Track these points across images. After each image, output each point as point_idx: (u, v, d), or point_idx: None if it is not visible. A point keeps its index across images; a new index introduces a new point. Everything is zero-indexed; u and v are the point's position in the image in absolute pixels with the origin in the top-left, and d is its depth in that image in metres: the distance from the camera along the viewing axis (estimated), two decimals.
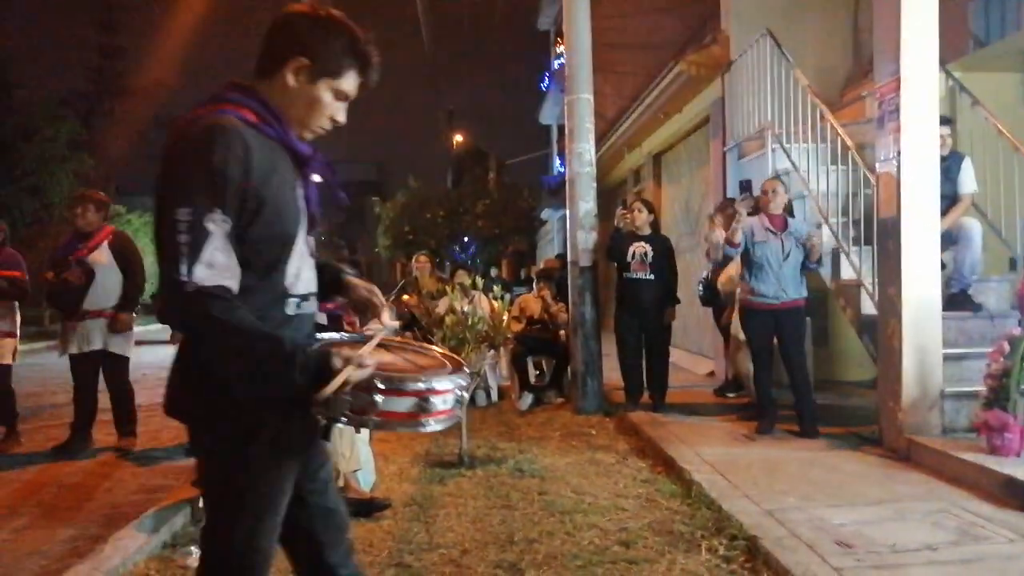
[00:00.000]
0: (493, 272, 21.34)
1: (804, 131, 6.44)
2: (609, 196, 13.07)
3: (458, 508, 4.12)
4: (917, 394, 4.68)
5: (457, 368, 1.68)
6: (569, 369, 7.22)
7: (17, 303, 5.84)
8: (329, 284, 1.88)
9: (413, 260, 8.46)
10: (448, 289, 5.78)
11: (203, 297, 1.47)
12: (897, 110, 4.73)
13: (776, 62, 6.87)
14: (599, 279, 7.08)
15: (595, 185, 7.10)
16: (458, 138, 35.59)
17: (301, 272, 1.69)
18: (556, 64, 20.72)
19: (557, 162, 24.46)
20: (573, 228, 7.03)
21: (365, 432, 5.00)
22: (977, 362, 4.59)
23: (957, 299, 5.37)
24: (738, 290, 5.79)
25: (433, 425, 1.55)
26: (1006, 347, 4.19)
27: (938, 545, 3.23)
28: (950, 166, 5.45)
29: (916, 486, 4.11)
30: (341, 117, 1.73)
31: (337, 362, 1.47)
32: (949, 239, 5.34)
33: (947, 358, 4.77)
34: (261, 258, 1.59)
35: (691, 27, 10.80)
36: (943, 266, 5.14)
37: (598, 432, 6.01)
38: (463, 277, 7.49)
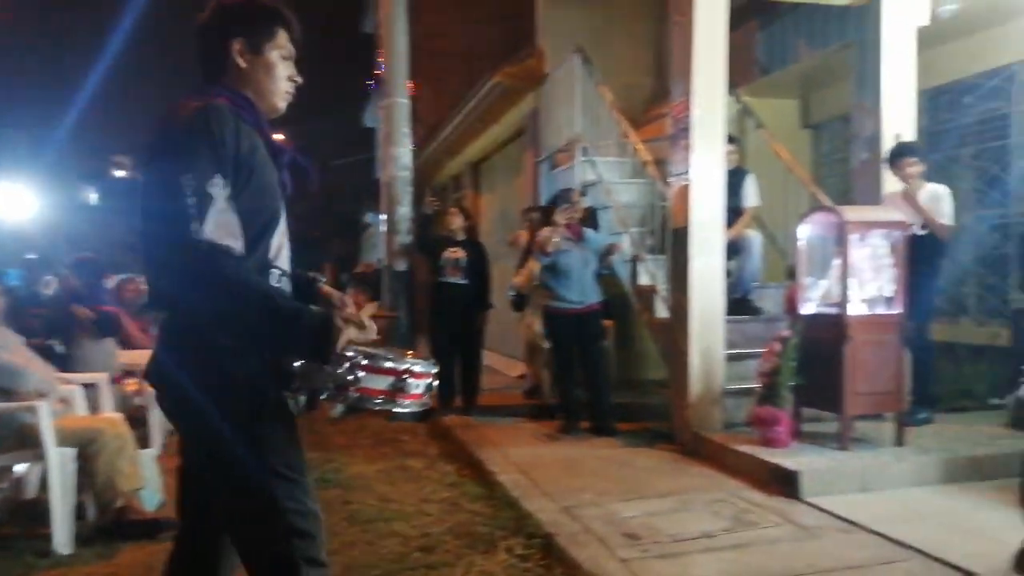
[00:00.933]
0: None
1: (610, 145, 6.78)
2: (420, 200, 13.09)
3: None
4: (702, 392, 5.03)
5: (428, 360, 1.78)
6: None
7: None
8: (303, 292, 1.93)
9: None
10: None
11: (216, 253, 1.55)
12: (688, 128, 5.07)
13: (585, 78, 7.18)
14: (415, 283, 7.07)
15: (411, 189, 7.09)
16: (279, 137, 34.28)
17: (282, 249, 1.80)
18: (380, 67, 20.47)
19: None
20: (389, 232, 6.97)
21: (152, 448, 4.68)
22: (756, 361, 5.00)
23: (739, 304, 5.83)
24: (534, 298, 5.98)
25: (405, 407, 1.66)
26: (777, 347, 4.60)
27: (715, 532, 3.48)
28: (736, 181, 5.92)
29: (700, 478, 4.41)
30: (296, 75, 1.89)
31: (339, 322, 1.58)
32: (733, 249, 5.79)
33: (729, 358, 5.17)
34: (250, 228, 1.67)
35: (510, 39, 11.07)
36: (728, 274, 5.57)
37: (410, 438, 5.97)
38: None
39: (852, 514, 3.65)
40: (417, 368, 1.69)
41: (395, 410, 1.67)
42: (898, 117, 5.42)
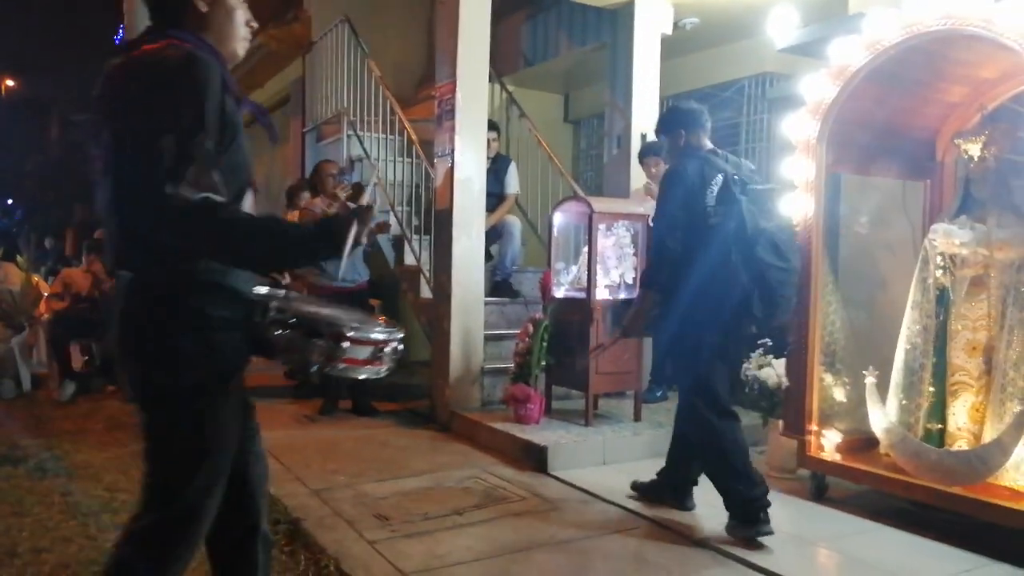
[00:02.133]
0: (48, 243, 18.42)
1: (378, 122, 6.67)
2: None
3: None
4: (462, 371, 5.13)
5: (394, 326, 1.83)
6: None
7: None
8: None
9: None
10: None
11: (213, 204, 1.51)
12: (453, 111, 5.11)
13: (354, 50, 6.99)
14: None
15: None
16: (8, 83, 29.96)
17: (251, 210, 1.71)
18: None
19: None
20: None
21: None
22: (512, 342, 5.18)
23: (500, 287, 6.02)
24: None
25: (381, 371, 1.74)
26: (530, 328, 4.80)
27: (465, 509, 3.56)
28: (498, 168, 6.08)
29: (455, 456, 4.50)
30: (252, 20, 1.80)
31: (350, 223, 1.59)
32: (495, 233, 5.96)
33: (488, 339, 5.32)
34: (229, 188, 1.60)
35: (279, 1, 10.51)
36: (489, 257, 5.72)
37: None
38: None
39: (592, 486, 3.91)
40: (389, 337, 1.75)
41: (379, 375, 1.76)
42: (645, 118, 5.85)
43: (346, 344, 1.63)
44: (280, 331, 1.65)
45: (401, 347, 1.79)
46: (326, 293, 5.45)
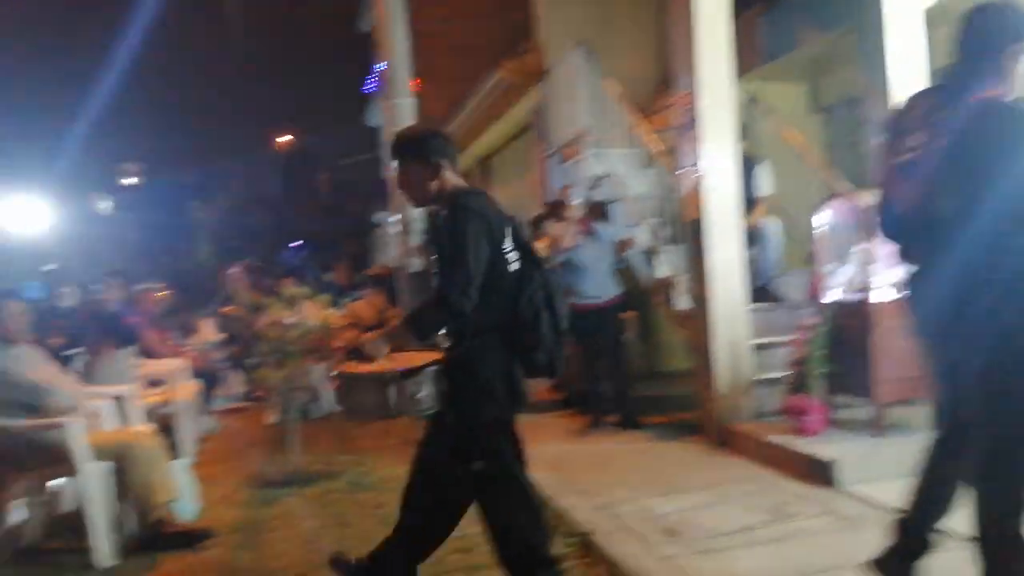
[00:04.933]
0: (327, 277, 20.68)
1: (618, 137, 6.75)
2: None
3: (290, 530, 3.94)
4: (730, 382, 5.00)
5: None
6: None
7: None
8: None
9: (228, 273, 8.03)
10: (270, 301, 5.52)
11: None
12: (695, 119, 5.03)
13: (589, 72, 7.14)
14: (430, 282, 7.04)
15: None
16: (285, 138, 34.28)
17: None
18: (379, 67, 20.41)
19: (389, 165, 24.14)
20: (403, 232, 6.96)
21: (183, 458, 4.69)
22: (783, 350, 4.97)
23: (761, 293, 5.80)
24: None
25: None
26: (805, 336, 4.58)
27: (755, 526, 3.46)
28: (747, 170, 5.88)
29: (733, 470, 4.39)
30: None
31: None
32: (751, 238, 5.76)
33: (756, 347, 5.14)
34: None
35: (510, 33, 11.03)
36: (750, 262, 5.54)
37: None
38: (288, 286, 7.18)
39: (892, 502, 3.61)
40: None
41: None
42: None
43: None
44: None
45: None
46: (580, 310, 5.61)
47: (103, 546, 3.58)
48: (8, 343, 3.79)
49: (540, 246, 6.65)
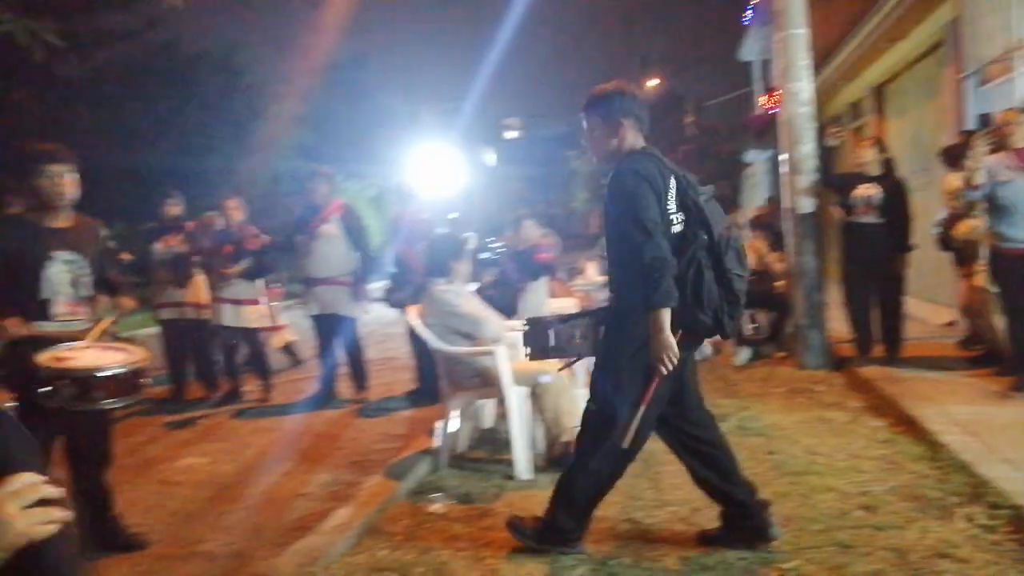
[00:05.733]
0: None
1: None
2: (821, 133, 12.18)
3: (683, 466, 4.09)
4: None
5: None
6: (790, 322, 6.90)
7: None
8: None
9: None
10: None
11: None
12: None
13: None
14: (820, 225, 6.67)
15: (814, 125, 6.66)
16: (653, 82, 34.63)
17: None
18: None
19: (761, 101, 23.12)
20: (790, 172, 6.65)
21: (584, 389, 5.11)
22: None
23: None
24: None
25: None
26: None
27: None
28: None
29: None
30: None
31: None
32: None
33: None
34: None
35: None
36: None
37: (825, 388, 5.69)
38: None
39: None
40: None
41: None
42: None
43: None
44: None
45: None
46: (1006, 256, 4.87)
47: (523, 460, 4.09)
48: (450, 281, 4.48)
49: (953, 181, 5.90)
